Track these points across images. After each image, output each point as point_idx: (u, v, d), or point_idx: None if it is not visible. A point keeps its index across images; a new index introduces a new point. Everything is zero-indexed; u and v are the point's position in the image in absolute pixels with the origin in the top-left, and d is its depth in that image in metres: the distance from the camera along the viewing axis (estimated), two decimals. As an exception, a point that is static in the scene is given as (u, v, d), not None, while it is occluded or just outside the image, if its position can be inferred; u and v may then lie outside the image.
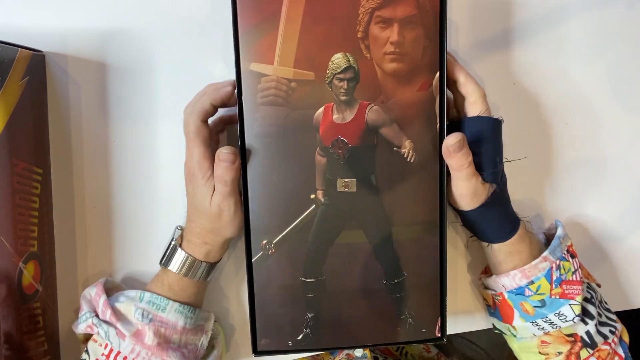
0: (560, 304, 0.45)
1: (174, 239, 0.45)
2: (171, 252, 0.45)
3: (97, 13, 0.47)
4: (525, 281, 0.45)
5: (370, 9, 0.41)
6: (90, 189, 0.49)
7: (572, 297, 0.45)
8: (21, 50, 0.42)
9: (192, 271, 0.44)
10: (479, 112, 0.44)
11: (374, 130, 0.42)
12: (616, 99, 0.56)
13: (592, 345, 0.47)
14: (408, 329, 0.45)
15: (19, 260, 0.42)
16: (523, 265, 0.46)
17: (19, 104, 0.42)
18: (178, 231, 0.46)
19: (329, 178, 0.42)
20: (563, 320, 0.45)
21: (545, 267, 0.45)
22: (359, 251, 0.43)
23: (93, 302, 0.44)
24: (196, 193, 0.43)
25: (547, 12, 0.54)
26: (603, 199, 0.56)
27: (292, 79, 0.41)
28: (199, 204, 0.43)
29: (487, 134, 0.44)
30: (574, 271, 0.46)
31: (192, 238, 0.44)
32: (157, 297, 0.43)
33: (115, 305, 0.43)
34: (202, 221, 0.43)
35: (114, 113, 0.48)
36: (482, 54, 0.53)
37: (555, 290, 0.45)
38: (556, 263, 0.46)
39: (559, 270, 0.45)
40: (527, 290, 0.45)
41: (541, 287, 0.45)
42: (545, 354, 0.48)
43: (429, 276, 0.45)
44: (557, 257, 0.46)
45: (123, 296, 0.44)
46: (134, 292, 0.44)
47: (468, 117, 0.44)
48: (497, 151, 0.44)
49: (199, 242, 0.44)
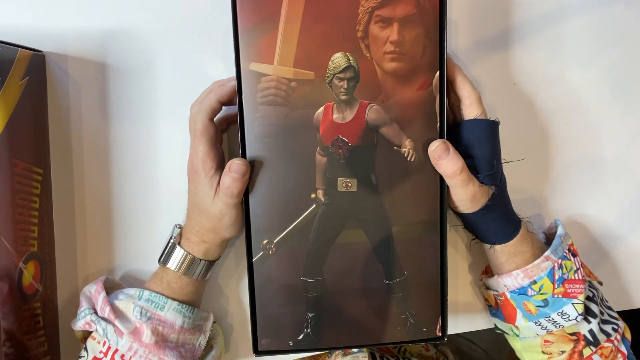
0: (563, 303, 0.45)
1: (172, 236, 0.45)
2: (170, 249, 0.45)
3: (97, 13, 0.47)
4: (528, 281, 0.45)
5: (370, 8, 0.41)
6: (90, 189, 0.49)
7: (574, 296, 0.45)
8: (21, 50, 0.42)
9: (190, 269, 0.44)
10: (476, 114, 0.44)
11: (374, 129, 0.42)
12: (616, 99, 0.56)
13: (595, 344, 0.47)
14: (409, 329, 0.45)
15: (19, 260, 0.42)
16: (525, 266, 0.45)
17: (19, 104, 0.42)
18: (177, 229, 0.46)
19: (329, 178, 0.42)
20: (566, 319, 0.45)
21: (547, 267, 0.45)
22: (360, 251, 0.43)
23: (92, 299, 0.44)
24: (198, 191, 0.43)
25: (547, 12, 0.54)
26: (603, 198, 0.56)
27: (292, 78, 0.41)
28: (201, 202, 0.43)
29: (484, 137, 0.44)
30: (576, 270, 0.46)
31: (191, 236, 0.44)
32: (156, 295, 0.43)
33: (114, 302, 0.43)
34: (202, 220, 0.43)
35: (114, 113, 0.48)
36: (482, 54, 0.53)
37: (558, 290, 0.45)
38: (558, 262, 0.46)
39: (561, 269, 0.45)
40: (529, 290, 0.45)
41: (544, 287, 0.45)
42: (548, 353, 0.48)
43: (430, 275, 0.44)
44: (558, 256, 0.46)
45: (122, 294, 0.44)
46: (133, 290, 0.44)
47: (465, 120, 0.44)
48: (495, 153, 0.44)
49: (198, 241, 0.44)
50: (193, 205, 0.44)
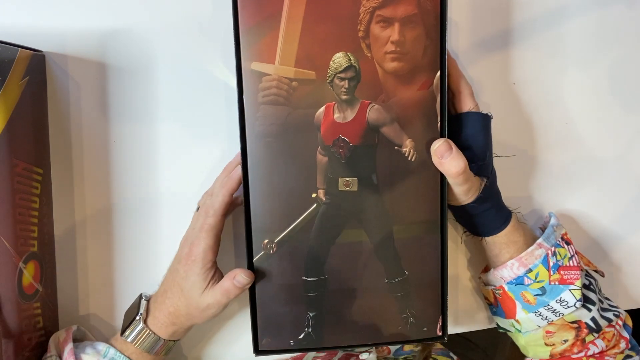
0: (560, 290, 0.46)
1: (139, 312, 0.44)
2: (134, 325, 0.44)
3: (97, 13, 0.47)
4: (523, 270, 0.46)
5: (371, 8, 0.41)
6: (90, 189, 0.48)
7: (571, 282, 0.46)
8: (21, 50, 0.42)
9: (152, 348, 0.44)
10: (469, 108, 0.45)
11: (375, 129, 0.42)
12: (616, 98, 0.56)
13: (597, 330, 0.47)
14: (409, 328, 0.45)
15: (19, 260, 0.42)
16: (519, 254, 0.46)
17: (19, 104, 0.42)
18: (144, 302, 0.45)
19: (330, 177, 0.42)
20: (565, 306, 0.46)
21: (541, 254, 0.46)
22: (360, 250, 0.43)
23: (60, 347, 0.44)
24: (188, 277, 0.43)
25: (547, 12, 0.54)
26: (603, 198, 0.57)
27: (293, 78, 0.41)
28: (188, 289, 0.43)
29: (478, 129, 0.45)
30: (570, 257, 0.47)
31: (160, 316, 0.44)
32: (121, 356, 0.43)
33: (80, 356, 0.43)
34: (180, 304, 0.43)
35: (114, 113, 0.48)
36: (482, 54, 0.53)
37: (554, 277, 0.46)
38: (551, 250, 0.46)
39: (555, 256, 0.46)
40: (526, 279, 0.46)
41: (539, 274, 0.46)
42: (551, 344, 0.48)
43: (430, 275, 0.45)
44: (551, 244, 0.47)
45: (90, 347, 0.44)
46: (102, 345, 0.44)
47: (460, 112, 0.45)
48: (487, 145, 0.45)
49: (167, 322, 0.44)
50: (175, 286, 0.43)
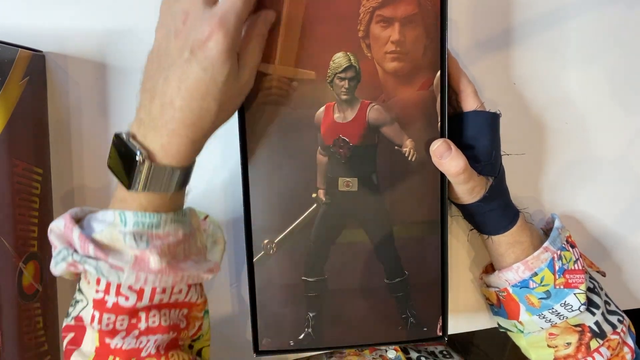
0: (565, 294, 0.45)
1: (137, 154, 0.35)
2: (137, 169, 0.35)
3: (97, 13, 0.47)
4: (529, 273, 0.46)
5: (371, 8, 0.41)
6: (90, 189, 0.48)
7: (576, 286, 0.46)
8: (21, 50, 0.42)
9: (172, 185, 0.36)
10: (476, 106, 0.44)
11: (375, 129, 0.42)
12: (616, 98, 0.56)
13: (601, 335, 0.47)
14: (409, 328, 0.45)
15: (19, 260, 0.42)
16: (525, 256, 0.46)
17: (19, 104, 0.42)
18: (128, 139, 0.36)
19: (330, 177, 0.42)
20: (569, 310, 0.46)
21: (547, 258, 0.46)
22: (361, 250, 0.43)
23: (66, 237, 0.35)
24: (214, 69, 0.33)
25: (547, 12, 0.54)
26: (603, 198, 0.56)
27: (293, 78, 0.41)
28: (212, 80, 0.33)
29: (485, 128, 0.44)
30: (575, 260, 0.47)
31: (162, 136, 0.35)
32: (143, 214, 0.35)
33: (94, 237, 0.35)
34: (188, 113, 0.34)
35: (114, 113, 0.48)
36: (482, 54, 0.53)
37: (559, 281, 0.45)
38: (557, 253, 0.46)
39: (561, 260, 0.46)
40: (531, 282, 0.46)
41: (545, 278, 0.45)
42: (554, 346, 0.48)
43: (430, 275, 0.45)
44: (557, 247, 0.46)
45: (97, 222, 0.35)
46: (110, 213, 0.35)
47: (466, 112, 0.45)
48: (495, 144, 0.45)
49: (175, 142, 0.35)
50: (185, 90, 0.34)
